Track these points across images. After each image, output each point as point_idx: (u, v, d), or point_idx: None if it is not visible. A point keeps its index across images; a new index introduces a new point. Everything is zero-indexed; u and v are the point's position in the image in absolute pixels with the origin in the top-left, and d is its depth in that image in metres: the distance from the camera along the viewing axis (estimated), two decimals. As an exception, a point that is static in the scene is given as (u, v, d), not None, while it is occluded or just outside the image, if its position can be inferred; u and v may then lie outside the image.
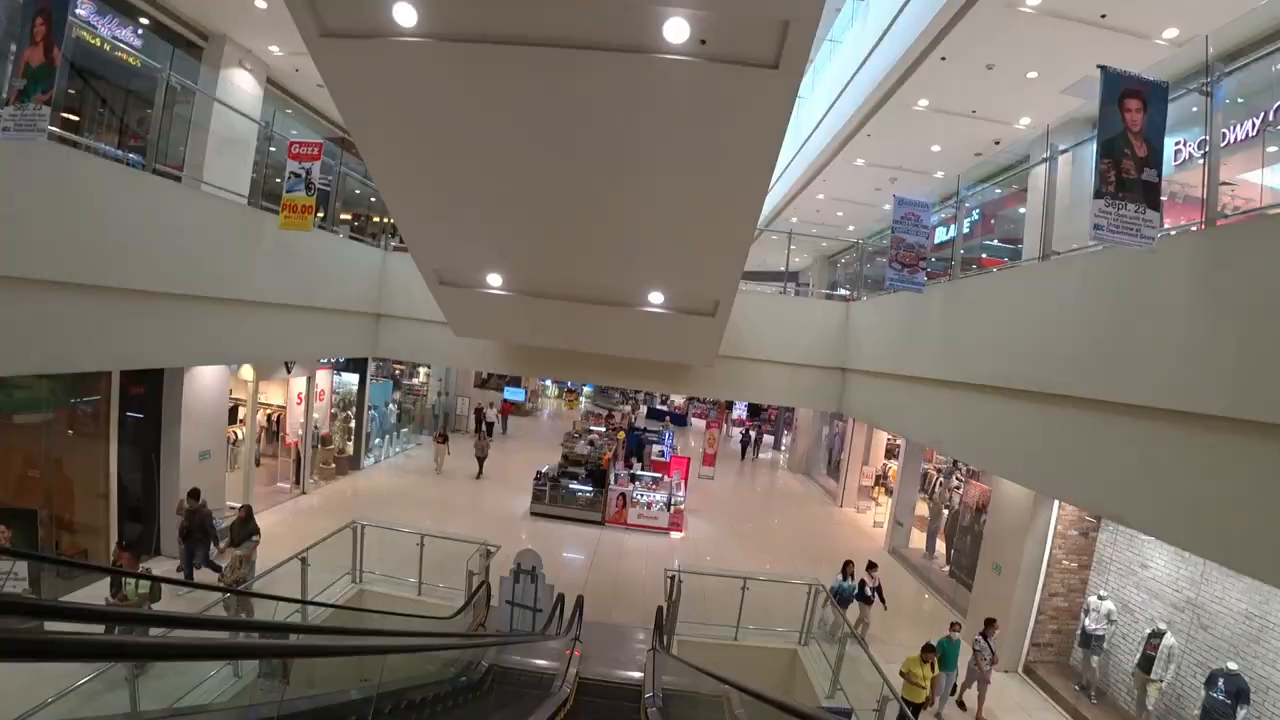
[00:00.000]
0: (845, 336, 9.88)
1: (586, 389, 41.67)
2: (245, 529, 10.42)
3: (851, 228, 19.89)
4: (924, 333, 7.25)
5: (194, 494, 10.68)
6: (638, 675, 8.79)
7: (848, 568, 11.31)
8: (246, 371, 13.98)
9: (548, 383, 41.97)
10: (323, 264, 9.28)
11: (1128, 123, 4.05)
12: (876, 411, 8.49)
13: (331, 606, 8.69)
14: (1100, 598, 9.85)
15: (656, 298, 5.78)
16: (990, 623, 9.48)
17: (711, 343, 6.55)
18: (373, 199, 12.00)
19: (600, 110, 4.14)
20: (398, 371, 25.29)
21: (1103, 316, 4.74)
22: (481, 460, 19.27)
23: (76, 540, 10.59)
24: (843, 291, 15.78)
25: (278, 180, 8.86)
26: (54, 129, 6.74)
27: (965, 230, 9.99)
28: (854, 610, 11.08)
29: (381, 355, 10.69)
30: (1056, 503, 10.48)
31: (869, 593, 11.25)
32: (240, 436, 17.33)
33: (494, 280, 5.89)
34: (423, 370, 26.48)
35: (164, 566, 11.17)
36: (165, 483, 11.53)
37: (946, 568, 14.59)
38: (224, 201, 7.84)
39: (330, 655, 6.24)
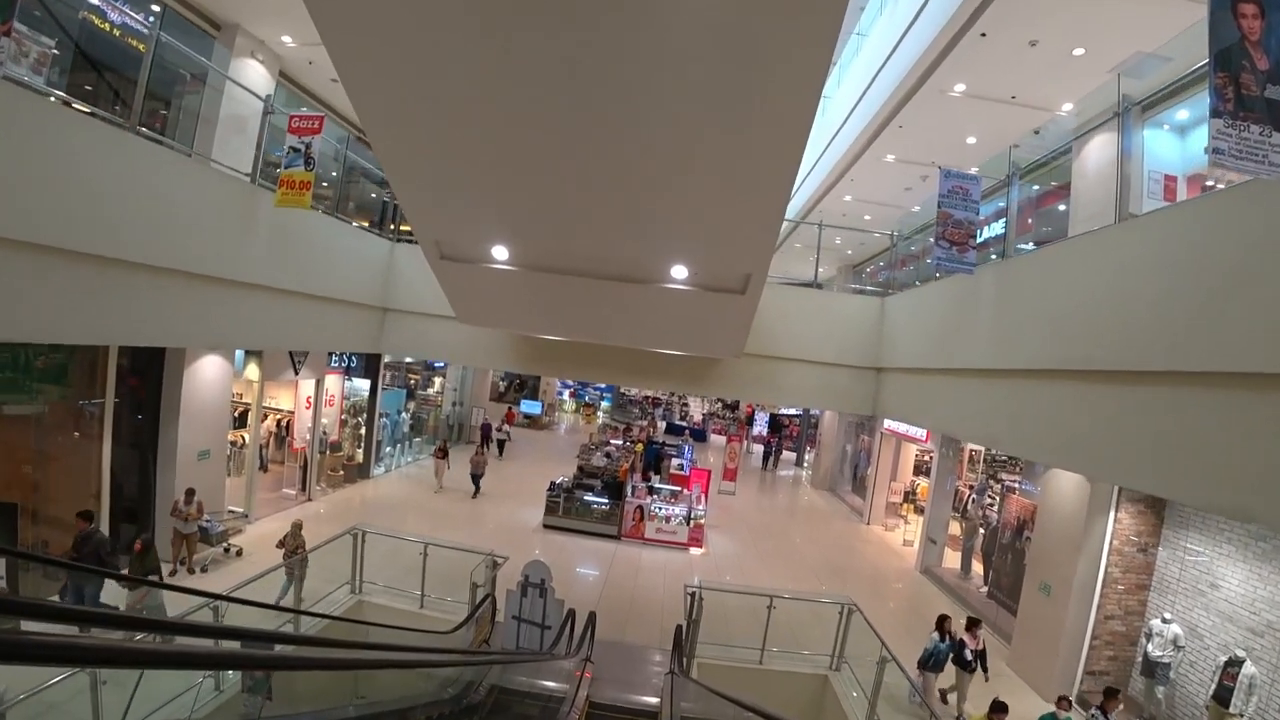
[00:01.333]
0: (880, 334, 9.17)
1: (604, 403, 41.08)
2: (142, 565, 8.85)
3: (878, 234, 19.19)
4: (972, 321, 6.54)
5: (86, 515, 8.63)
6: (654, 700, 8.04)
7: (944, 624, 9.30)
8: (251, 371, 13.52)
9: (564, 396, 41.49)
10: (327, 251, 8.78)
11: (1244, 30, 3.37)
12: (917, 411, 7.75)
13: (318, 616, 8.05)
14: (1165, 620, 8.95)
15: (680, 272, 5.13)
16: (1112, 694, 7.67)
17: (740, 326, 5.88)
18: (387, 198, 11.53)
19: (617, 50, 3.55)
20: (412, 381, 24.94)
21: (1195, 278, 4.03)
22: (477, 479, 17.81)
23: (65, 540, 10.10)
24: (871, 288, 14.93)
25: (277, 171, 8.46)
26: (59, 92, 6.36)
27: (999, 231, 9.27)
28: (948, 674, 9.44)
29: (387, 352, 10.16)
30: (1112, 516, 9.63)
31: (969, 656, 9.28)
32: (247, 440, 17.00)
33: (500, 254, 5.29)
34: (438, 380, 26.08)
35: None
36: (161, 483, 11.03)
37: (984, 589, 13.65)
38: (223, 175, 7.33)
39: (303, 668, 5.67)
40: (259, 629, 5.76)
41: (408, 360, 22.40)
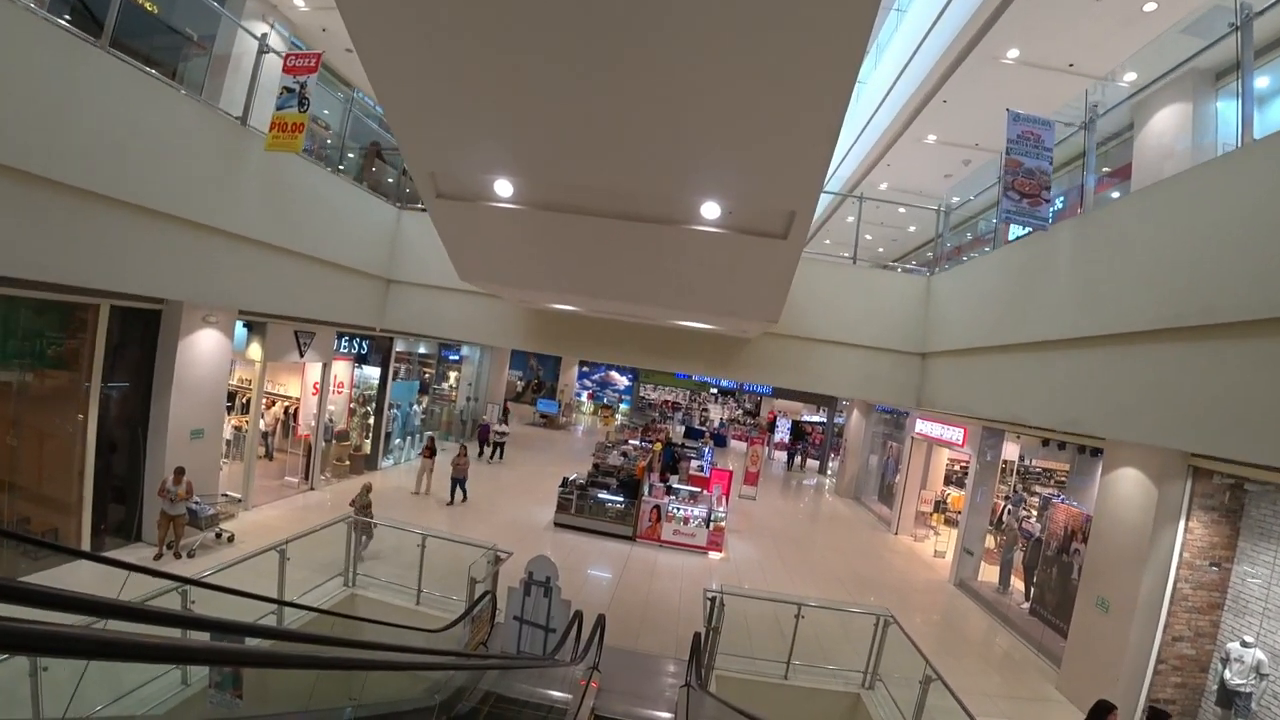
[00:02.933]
0: (925, 315, 8.27)
1: (623, 406, 40.33)
2: None
3: (913, 228, 18.26)
4: (1044, 286, 5.68)
5: None
6: (666, 716, 7.21)
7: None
8: (254, 350, 12.92)
9: (582, 397, 40.80)
10: (327, 210, 8.11)
11: None
12: (973, 399, 6.85)
13: (300, 608, 7.32)
14: (1245, 644, 7.94)
15: (712, 211, 4.33)
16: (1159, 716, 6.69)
17: (780, 282, 5.05)
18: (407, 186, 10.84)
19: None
20: (426, 375, 24.38)
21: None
22: (459, 482, 15.56)
23: (47, 517, 9.53)
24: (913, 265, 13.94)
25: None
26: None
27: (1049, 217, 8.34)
28: None
29: (391, 326, 9.45)
30: (1182, 526, 8.64)
31: None
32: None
33: (504, 189, 4.54)
34: (453, 374, 25.50)
35: (142, 554, 10.01)
36: (151, 461, 10.42)
37: (1026, 605, 12.61)
38: (210, 112, 6.65)
39: (256, 665, 4.91)
40: (228, 619, 5.01)
41: (421, 350, 21.84)
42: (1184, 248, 4.21)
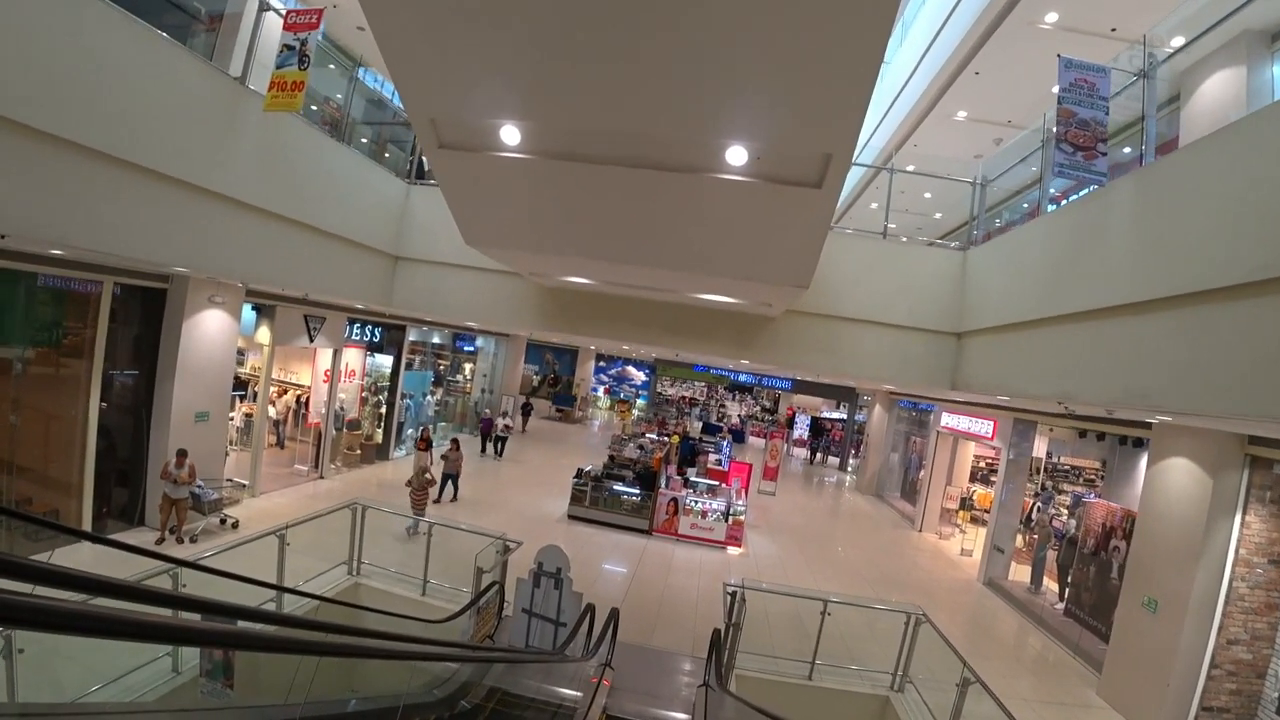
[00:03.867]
0: (961, 293, 7.73)
1: (640, 401, 39.89)
2: None
3: (939, 215, 17.62)
4: (1100, 249, 5.15)
5: None
6: (683, 717, 6.76)
7: None
8: (262, 334, 12.65)
9: (599, 392, 40.43)
10: (331, 179, 7.74)
11: None
12: (1016, 377, 6.32)
13: (301, 594, 6.97)
14: (1309, 653, 7.36)
15: (739, 156, 3.86)
16: None
17: (812, 238, 4.57)
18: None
19: None
20: (441, 367, 24.12)
21: None
22: (450, 479, 14.30)
23: (48, 499, 9.28)
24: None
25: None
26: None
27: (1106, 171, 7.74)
28: None
29: (398, 306, 9.06)
30: (1238, 520, 8.06)
31: None
32: (268, 414, 16.21)
33: (510, 137, 4.11)
34: (468, 366, 25.23)
35: (144, 538, 9.75)
36: (154, 444, 10.15)
37: (1060, 605, 12.02)
38: (214, 70, 6.28)
39: (231, 646, 4.66)
40: (215, 600, 4.61)
41: (435, 341, 21.55)
42: (1276, 189, 3.67)
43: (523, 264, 6.67)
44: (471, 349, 24.42)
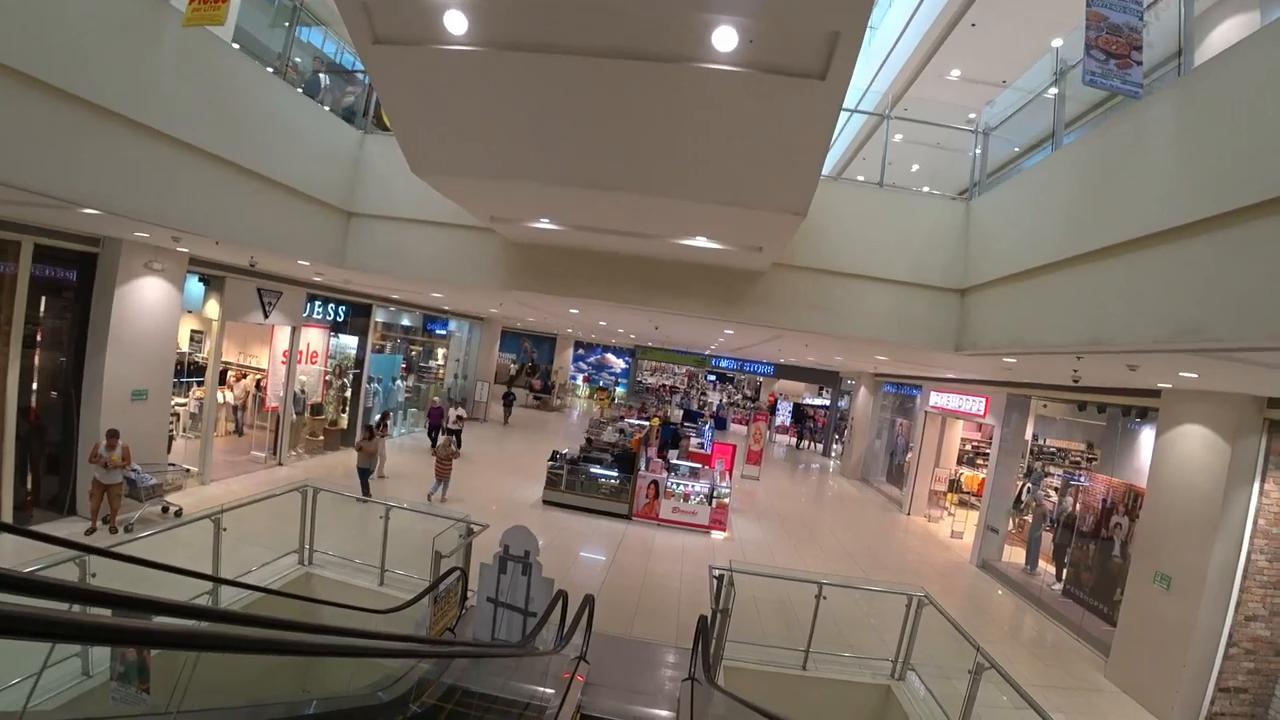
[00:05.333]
0: (965, 246, 7.08)
1: (619, 389, 39.21)
2: None
3: (926, 188, 17.04)
4: (1135, 173, 4.53)
5: None
6: (666, 715, 6.07)
7: None
8: (211, 308, 11.72)
9: (578, 380, 39.70)
10: (272, 120, 6.88)
11: None
12: (1033, 329, 5.68)
13: (239, 585, 6.19)
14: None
15: (727, 39, 3.10)
16: None
17: (814, 146, 3.83)
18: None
19: None
20: (414, 352, 23.22)
21: None
22: (365, 474, 12.16)
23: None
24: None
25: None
26: None
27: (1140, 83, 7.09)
28: None
29: (352, 266, 8.24)
30: (1257, 488, 7.54)
31: None
32: (224, 399, 15.30)
33: (457, 24, 3.31)
34: (440, 351, 24.34)
35: (75, 528, 8.86)
36: (85, 426, 9.25)
37: (1058, 586, 11.54)
38: None
39: (129, 642, 3.82)
40: (129, 593, 3.78)
41: (404, 323, 20.64)
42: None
43: (482, 203, 5.87)
44: (444, 332, 23.51)
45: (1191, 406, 8.15)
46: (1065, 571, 11.51)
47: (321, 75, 9.20)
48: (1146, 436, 10.44)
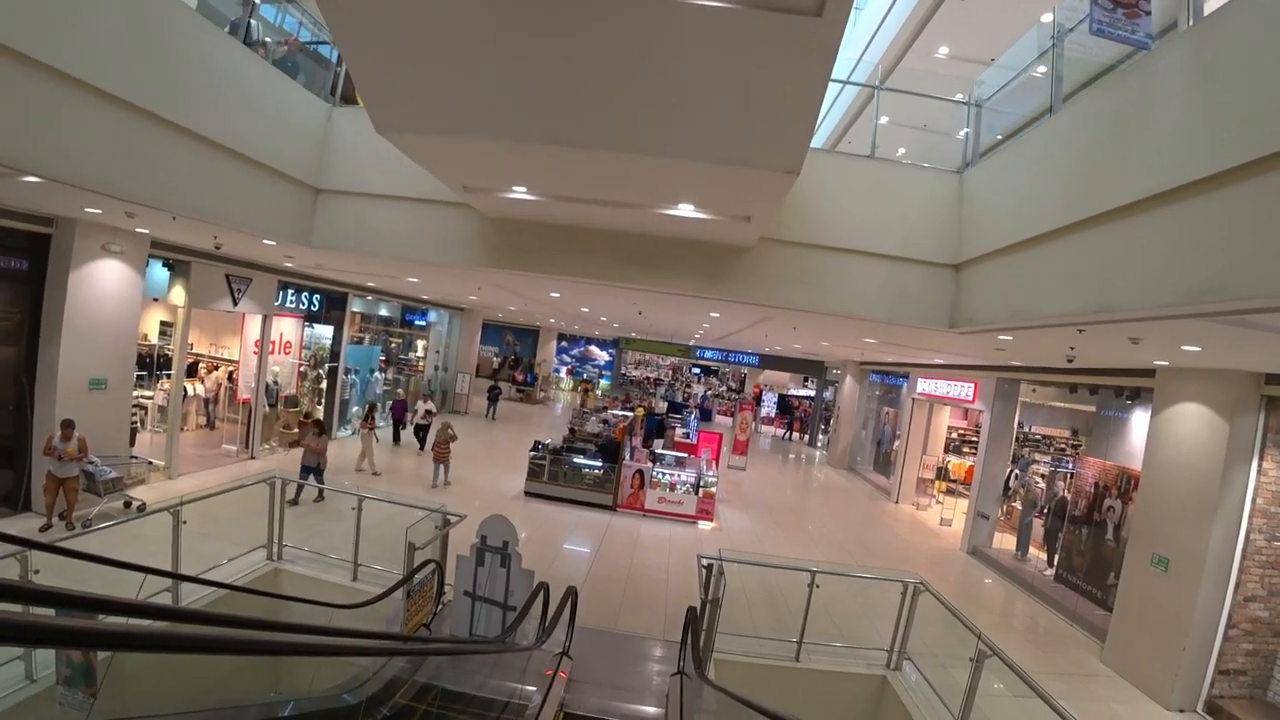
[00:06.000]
0: (959, 219, 6.82)
1: (603, 382, 38.92)
2: None
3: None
4: (1144, 130, 4.27)
5: None
6: (654, 711, 5.77)
7: None
8: (176, 294, 11.23)
9: (561, 373, 39.35)
10: (233, 86, 6.45)
11: None
12: (1035, 300, 5.40)
13: (198, 581, 5.80)
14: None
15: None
16: None
17: (809, 94, 3.47)
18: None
19: None
20: (393, 345, 22.73)
21: None
22: (310, 472, 10.73)
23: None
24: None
25: None
26: None
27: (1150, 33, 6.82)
28: None
29: (320, 245, 7.83)
30: (1255, 466, 7.38)
31: None
32: (195, 392, 14.80)
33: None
34: (420, 343, 23.84)
35: (28, 525, 8.40)
36: (40, 416, 8.77)
37: (1050, 571, 11.39)
38: None
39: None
40: (74, 591, 3.37)
41: (382, 313, 20.16)
42: None
43: (452, 168, 5.48)
44: (423, 323, 23.02)
45: (1188, 385, 7.97)
46: (1057, 557, 11.37)
47: (291, 59, 8.77)
48: (1138, 419, 10.29)
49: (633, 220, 6.41)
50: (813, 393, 33.50)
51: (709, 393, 43.77)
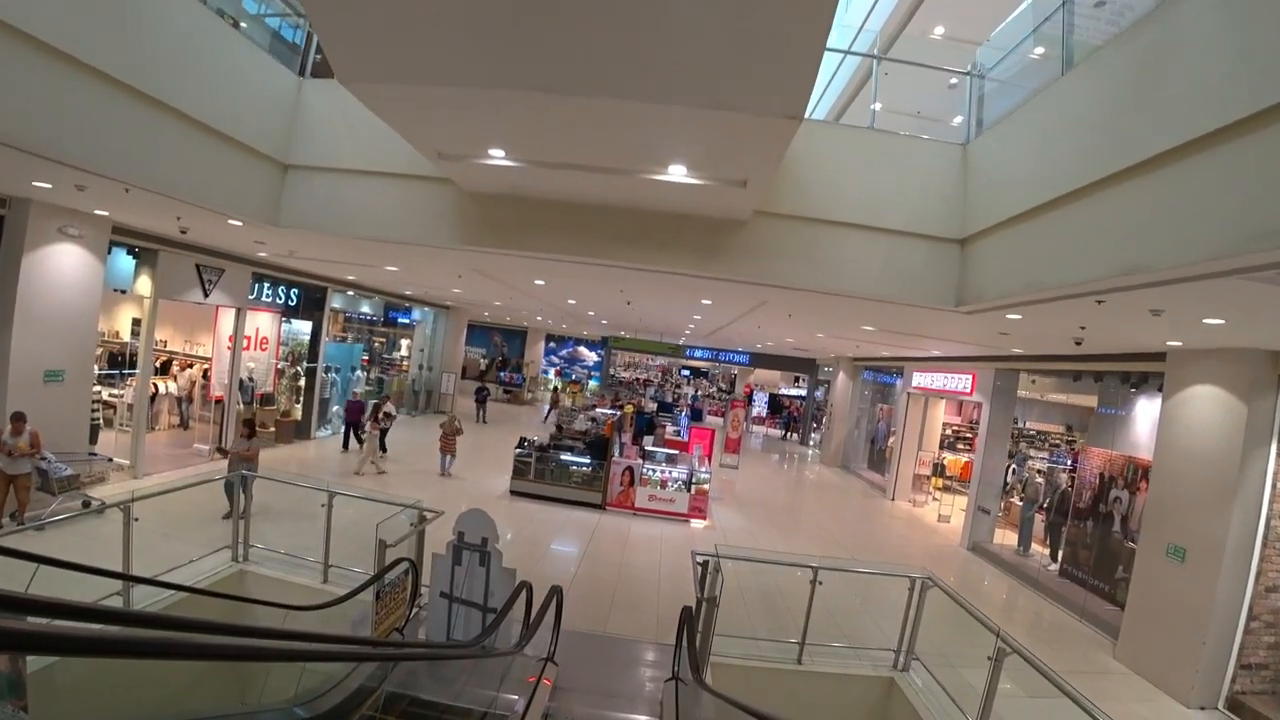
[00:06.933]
0: (964, 192, 6.43)
1: (592, 383, 38.44)
2: None
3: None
4: (1172, 76, 3.91)
5: None
6: None
7: None
8: (143, 284, 10.67)
9: (550, 374, 38.84)
10: (193, 50, 5.98)
11: None
12: (1052, 267, 5.00)
13: (153, 584, 5.33)
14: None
15: None
16: None
17: (816, 22, 3.08)
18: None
19: None
20: (377, 344, 22.20)
21: None
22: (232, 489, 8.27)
23: None
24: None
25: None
26: None
27: None
28: None
29: (289, 224, 7.35)
30: (1273, 450, 7.03)
31: None
32: (167, 390, 14.26)
33: None
34: (404, 342, 23.31)
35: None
36: (-11, 413, 8.22)
37: (1054, 566, 11.04)
38: None
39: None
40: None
41: (364, 310, 19.61)
42: None
43: (423, 126, 4.98)
44: (407, 320, 22.47)
45: (1201, 367, 7.62)
46: (1061, 551, 11.02)
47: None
48: (1143, 406, 9.96)
49: (621, 191, 5.97)
50: (804, 392, 33.16)
51: (699, 393, 43.35)
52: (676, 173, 5.11)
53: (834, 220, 6.38)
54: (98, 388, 11.99)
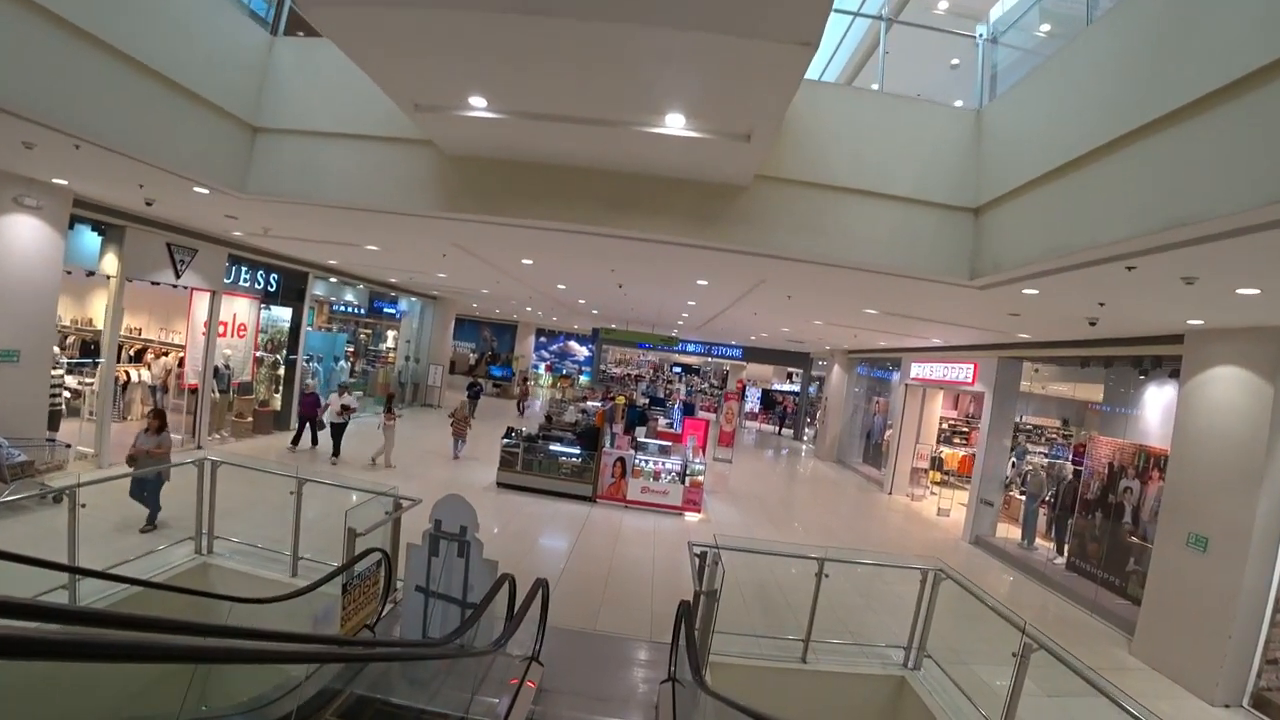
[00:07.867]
0: (977, 159, 6.02)
1: (583, 378, 38.04)
2: None
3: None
4: (1221, 5, 3.47)
5: None
6: (642, 724, 4.88)
7: None
8: (109, 263, 10.11)
9: (540, 369, 38.42)
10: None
11: None
12: (1077, 229, 4.60)
13: (105, 577, 4.84)
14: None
15: None
16: None
17: None
18: None
19: None
20: (363, 336, 21.67)
21: None
22: (144, 490, 7.77)
23: None
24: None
25: None
26: None
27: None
28: None
29: (258, 191, 6.85)
30: (1296, 434, 6.65)
31: None
32: (136, 378, 13.69)
33: None
34: (390, 334, 22.77)
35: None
36: (-64, 396, 7.69)
37: (1060, 559, 10.69)
38: None
39: None
40: None
41: (348, 298, 19.06)
42: None
43: (391, 63, 4.51)
44: (393, 311, 21.92)
45: (1223, 347, 7.25)
46: (1068, 544, 10.67)
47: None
48: (1153, 393, 9.62)
49: (612, 152, 5.52)
50: (797, 388, 32.79)
51: (692, 388, 42.98)
52: (674, 124, 4.66)
53: (838, 185, 5.95)
54: (68, 376, 11.45)
